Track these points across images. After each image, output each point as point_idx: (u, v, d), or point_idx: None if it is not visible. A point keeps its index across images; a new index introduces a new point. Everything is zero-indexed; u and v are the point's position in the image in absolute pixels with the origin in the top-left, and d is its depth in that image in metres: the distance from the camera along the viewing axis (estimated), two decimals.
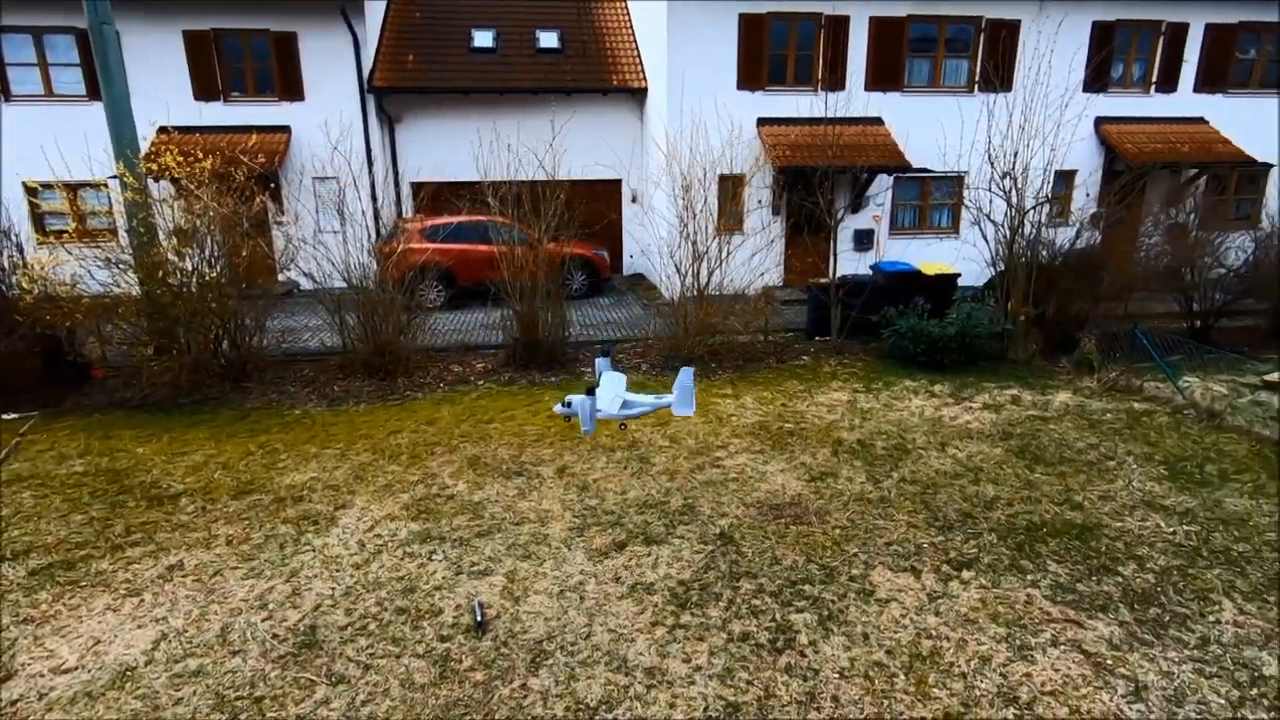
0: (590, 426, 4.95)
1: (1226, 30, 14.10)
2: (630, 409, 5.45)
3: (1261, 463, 6.13)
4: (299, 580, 4.45)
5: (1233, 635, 3.86)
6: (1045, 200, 10.03)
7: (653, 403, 5.53)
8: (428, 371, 9.07)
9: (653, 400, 5.55)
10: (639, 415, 5.69)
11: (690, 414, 5.27)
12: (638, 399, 5.46)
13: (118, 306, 8.09)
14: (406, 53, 14.91)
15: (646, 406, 5.49)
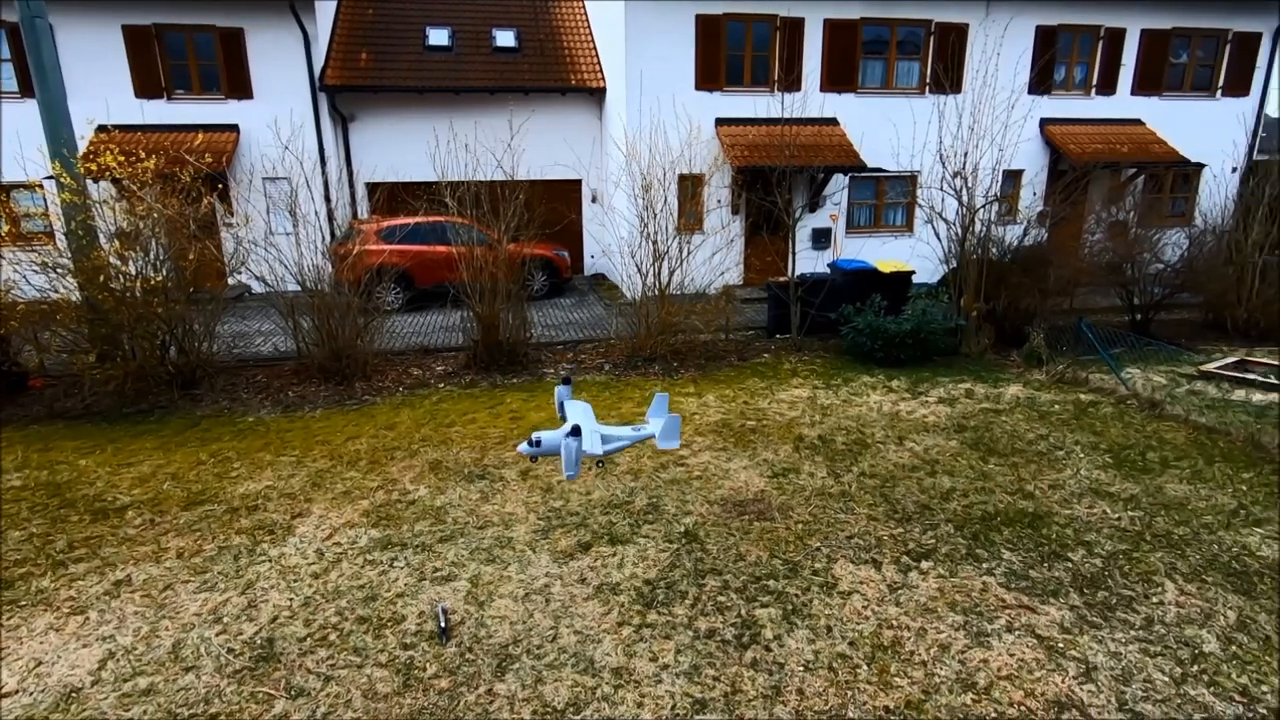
0: (575, 471, 4.63)
1: (1160, 35, 14.72)
2: (611, 444, 5.18)
3: (1198, 449, 6.41)
4: (255, 592, 4.33)
5: (1175, 615, 4.03)
6: (994, 199, 10.34)
7: (633, 435, 5.30)
8: (386, 375, 8.92)
9: (632, 433, 5.32)
10: (619, 450, 5.44)
11: (676, 446, 4.99)
12: (617, 432, 5.15)
13: (56, 313, 7.74)
14: (359, 50, 14.62)
15: (626, 440, 5.23)
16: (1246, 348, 9.96)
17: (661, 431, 4.78)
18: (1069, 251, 11.41)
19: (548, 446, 4.60)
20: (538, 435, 4.41)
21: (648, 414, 5.28)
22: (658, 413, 5.14)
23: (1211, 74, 15.38)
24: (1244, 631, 3.88)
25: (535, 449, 4.54)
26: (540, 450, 4.58)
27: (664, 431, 4.78)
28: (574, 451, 4.37)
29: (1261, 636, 3.83)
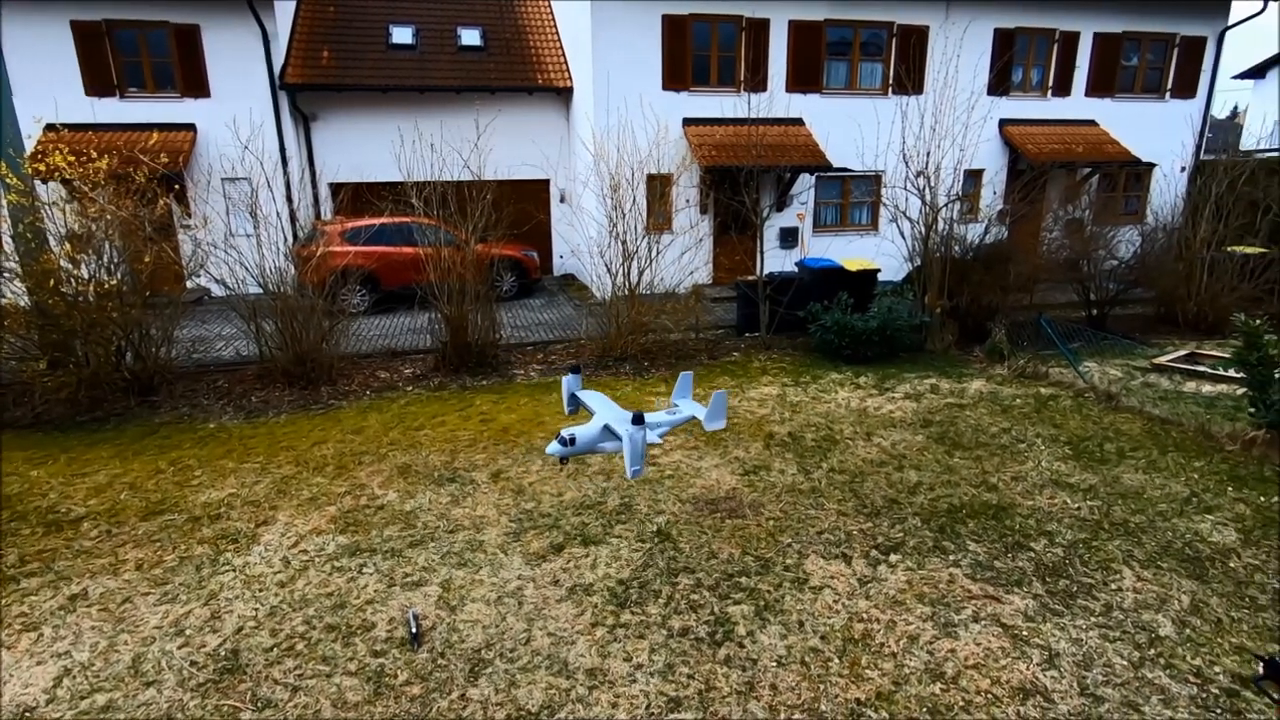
0: (641, 466, 3.95)
1: (1112, 39, 15.17)
2: (658, 430, 4.53)
3: (1152, 440, 6.62)
4: (218, 603, 4.23)
5: (1132, 601, 4.16)
6: (956, 198, 10.55)
7: (674, 420, 4.67)
8: (353, 379, 8.77)
9: (670, 417, 4.70)
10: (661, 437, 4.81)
11: (723, 427, 4.45)
12: (662, 418, 4.60)
13: (3, 319, 7.47)
14: (321, 48, 14.35)
15: (667, 426, 4.62)
16: (1196, 341, 10.31)
17: (708, 412, 4.44)
18: (1028, 249, 11.70)
19: (583, 444, 4.11)
20: (570, 432, 3.90)
21: (672, 397, 4.98)
22: (683, 394, 4.81)
23: (1160, 76, 15.89)
24: (1197, 615, 4.02)
25: (568, 449, 4.05)
26: (573, 450, 4.11)
27: (710, 412, 4.43)
28: (641, 444, 3.89)
29: (1213, 619, 3.97)
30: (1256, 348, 6.17)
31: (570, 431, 3.88)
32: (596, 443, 4.24)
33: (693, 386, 5.08)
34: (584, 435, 3.98)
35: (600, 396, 4.64)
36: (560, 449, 3.92)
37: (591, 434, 4.05)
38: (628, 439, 3.77)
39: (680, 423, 4.75)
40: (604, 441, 4.33)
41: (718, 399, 4.55)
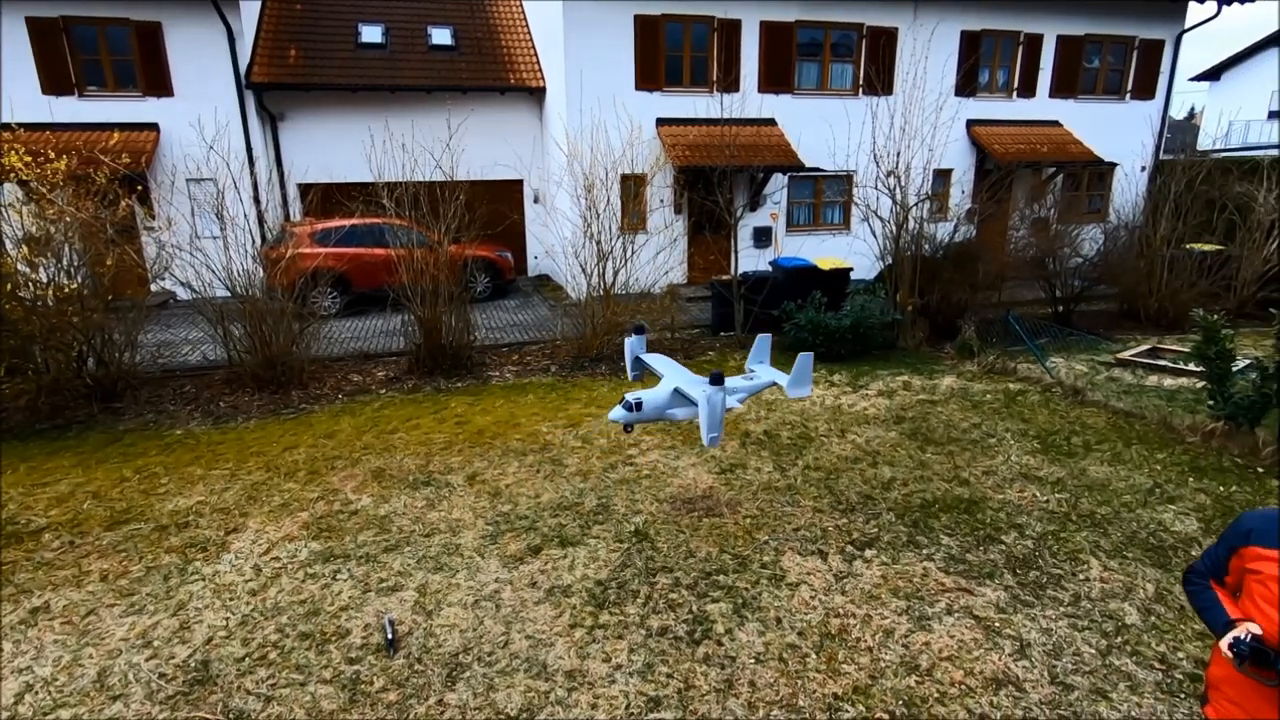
0: (720, 431, 3.58)
1: (1075, 41, 15.52)
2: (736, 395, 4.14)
3: (1117, 433, 6.78)
4: (187, 613, 4.14)
5: (1099, 590, 4.26)
6: (926, 197, 10.71)
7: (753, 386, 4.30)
8: (324, 382, 8.64)
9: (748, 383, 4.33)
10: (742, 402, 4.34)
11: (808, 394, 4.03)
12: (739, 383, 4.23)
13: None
14: (288, 47, 14.11)
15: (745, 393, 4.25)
16: (1158, 336, 10.59)
17: (791, 378, 4.02)
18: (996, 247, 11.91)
19: (650, 409, 3.76)
20: (636, 396, 3.50)
21: (748, 362, 4.58)
22: (760, 358, 4.44)
23: (1121, 78, 16.29)
24: (1161, 603, 4.13)
25: (635, 414, 3.73)
26: (640, 416, 3.78)
27: (794, 377, 4.02)
28: (720, 408, 3.53)
29: (1177, 607, 4.08)
30: (1214, 342, 6.36)
31: (636, 395, 3.51)
32: (665, 409, 3.91)
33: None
34: (652, 399, 3.60)
35: (667, 360, 4.27)
36: (625, 414, 3.55)
37: (660, 398, 3.70)
38: (705, 402, 3.41)
39: (760, 388, 4.33)
40: (673, 408, 4.01)
41: (803, 362, 4.22)
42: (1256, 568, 2.13)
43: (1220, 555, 2.26)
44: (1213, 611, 2.19)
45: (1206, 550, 2.34)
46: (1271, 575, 2.07)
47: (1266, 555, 2.10)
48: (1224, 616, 2.14)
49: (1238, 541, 2.20)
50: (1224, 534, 2.29)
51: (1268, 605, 2.06)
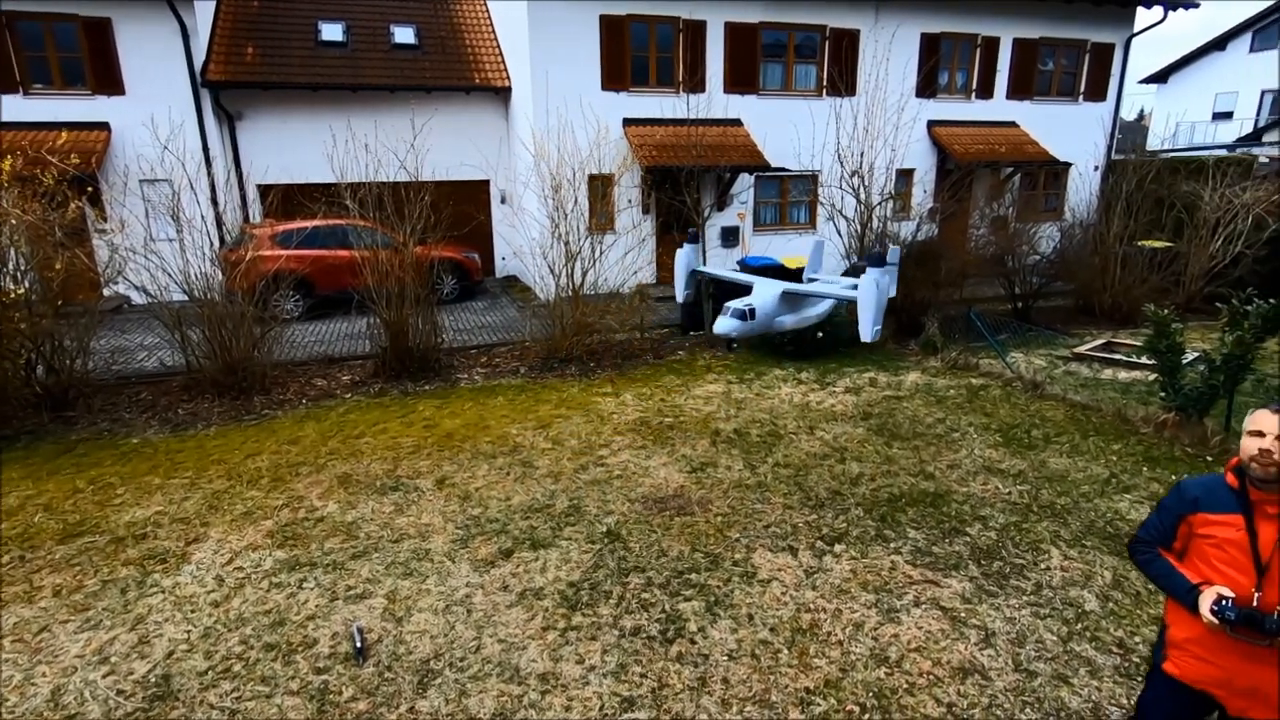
0: (879, 322, 3.04)
1: (1030, 44, 15.91)
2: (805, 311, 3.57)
3: (1075, 425, 6.98)
4: (147, 627, 4.02)
5: (1060, 579, 4.38)
6: (889, 197, 10.89)
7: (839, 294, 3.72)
8: (288, 387, 8.46)
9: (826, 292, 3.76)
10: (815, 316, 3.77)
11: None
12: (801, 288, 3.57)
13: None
14: (245, 44, 13.79)
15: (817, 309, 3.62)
16: (1112, 330, 10.92)
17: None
18: (958, 245, 12.17)
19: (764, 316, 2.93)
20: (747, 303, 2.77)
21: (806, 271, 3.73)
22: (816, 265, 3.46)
23: (1074, 80, 16.75)
24: (1119, 589, 4.26)
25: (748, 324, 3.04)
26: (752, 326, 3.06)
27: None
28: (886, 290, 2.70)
29: (1133, 593, 4.21)
30: (1165, 336, 6.58)
31: (747, 303, 2.91)
32: (774, 315, 3.52)
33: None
34: (763, 305, 3.01)
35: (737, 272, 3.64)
36: (738, 325, 3.03)
37: (769, 303, 3.16)
38: (872, 286, 2.82)
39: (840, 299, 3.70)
40: (782, 314, 3.62)
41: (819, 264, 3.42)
42: (1209, 532, 2.28)
43: (1168, 523, 2.39)
44: (1172, 578, 2.33)
45: (1148, 521, 2.48)
46: (1227, 539, 2.22)
47: (1217, 520, 2.26)
48: (1185, 582, 2.28)
49: (1185, 509, 2.34)
50: (1165, 504, 2.43)
51: (1226, 567, 2.22)
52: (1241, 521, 2.22)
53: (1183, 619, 2.38)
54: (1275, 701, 2.22)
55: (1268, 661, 2.20)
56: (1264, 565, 2.17)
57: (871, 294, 2.43)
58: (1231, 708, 2.33)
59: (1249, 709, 2.28)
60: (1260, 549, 2.18)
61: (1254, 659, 2.22)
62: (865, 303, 2.53)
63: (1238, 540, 2.22)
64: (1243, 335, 6.20)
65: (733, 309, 2.64)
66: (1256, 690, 2.24)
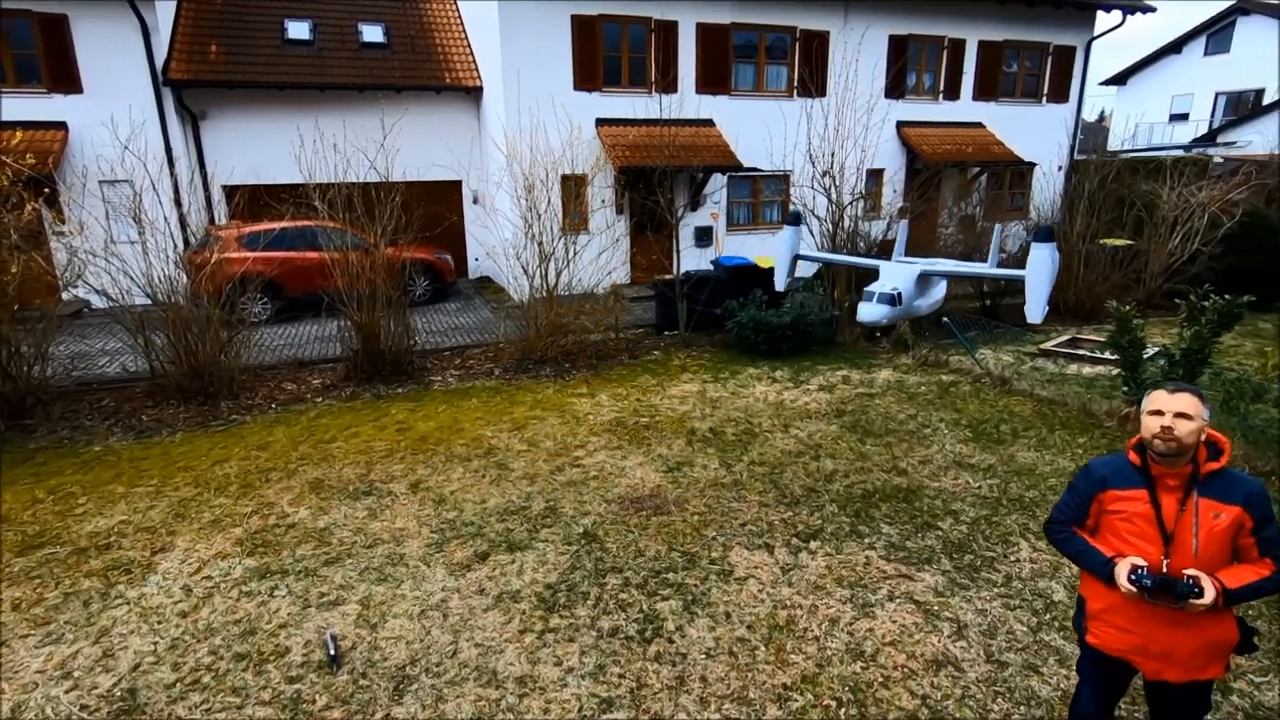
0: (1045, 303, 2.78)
1: (994, 47, 16.23)
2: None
3: (1042, 419, 7.13)
4: (111, 639, 3.91)
5: (1029, 570, 4.47)
6: (860, 196, 11.02)
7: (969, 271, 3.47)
8: (256, 392, 8.31)
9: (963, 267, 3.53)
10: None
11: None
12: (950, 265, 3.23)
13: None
14: (208, 42, 13.50)
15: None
16: (1077, 327, 11.17)
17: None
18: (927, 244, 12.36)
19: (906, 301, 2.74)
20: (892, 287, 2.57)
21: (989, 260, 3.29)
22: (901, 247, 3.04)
23: (1038, 82, 17.12)
24: None
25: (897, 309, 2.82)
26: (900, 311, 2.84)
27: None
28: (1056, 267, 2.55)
29: None
30: (1127, 331, 6.75)
31: (893, 286, 2.66)
32: (913, 299, 3.30)
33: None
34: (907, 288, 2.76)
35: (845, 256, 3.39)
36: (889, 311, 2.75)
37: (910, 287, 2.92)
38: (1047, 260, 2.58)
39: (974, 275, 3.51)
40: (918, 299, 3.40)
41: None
42: (1118, 508, 2.44)
43: (1080, 502, 2.54)
44: (1089, 554, 2.48)
45: (1061, 501, 2.62)
46: (1135, 512, 2.40)
47: (1124, 495, 2.43)
48: (1101, 556, 2.43)
49: (1095, 488, 2.50)
50: (1076, 485, 2.59)
51: (1136, 539, 2.39)
52: (1146, 495, 2.39)
53: (1099, 591, 2.53)
54: (1186, 661, 2.39)
55: (1178, 625, 2.35)
56: (1169, 534, 2.34)
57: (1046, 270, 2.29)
58: (1147, 671, 2.48)
59: (1163, 671, 2.43)
60: (1165, 519, 2.35)
61: (1166, 623, 2.37)
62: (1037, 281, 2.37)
63: (1144, 513, 2.38)
64: (1200, 330, 6.40)
65: (878, 294, 2.49)
66: (1169, 653, 2.40)
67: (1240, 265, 11.52)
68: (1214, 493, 2.33)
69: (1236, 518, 2.30)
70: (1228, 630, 2.40)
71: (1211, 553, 2.32)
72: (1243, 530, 2.32)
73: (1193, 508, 2.33)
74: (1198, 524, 2.32)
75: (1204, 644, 2.38)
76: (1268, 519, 2.31)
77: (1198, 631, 2.36)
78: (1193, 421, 2.31)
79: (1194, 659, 2.40)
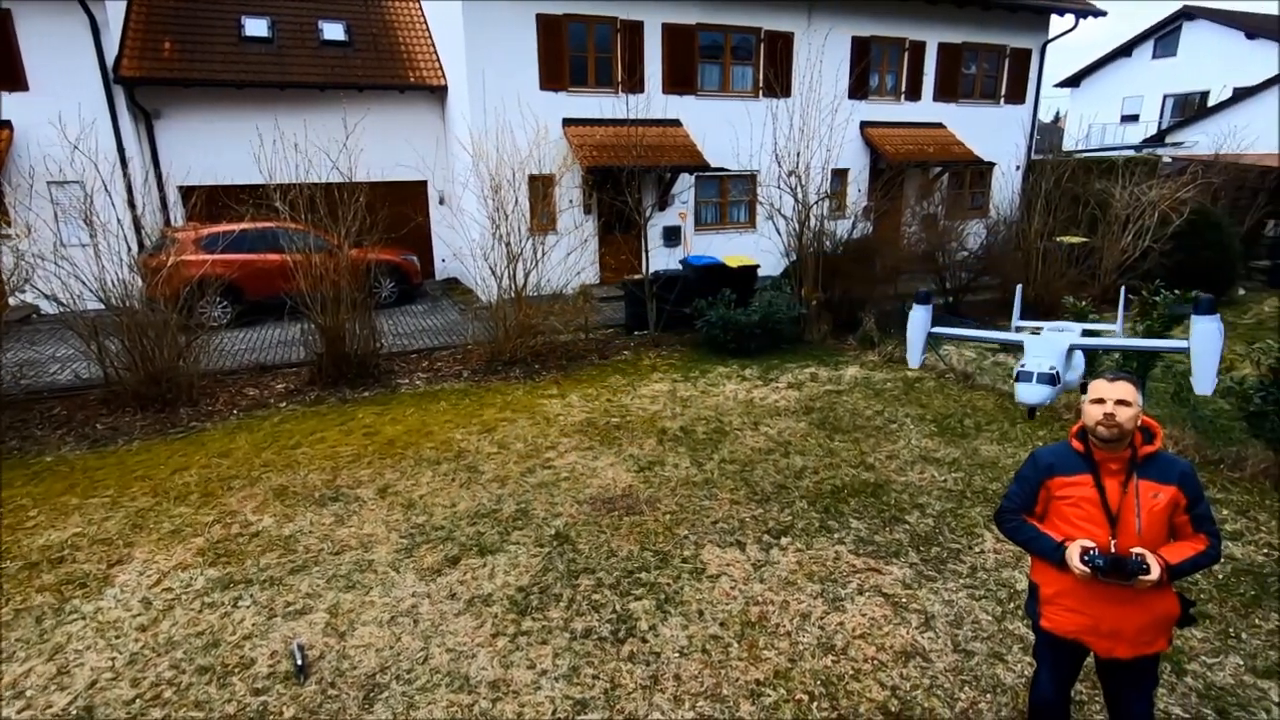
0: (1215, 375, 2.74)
1: (954, 49, 16.56)
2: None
3: (1003, 413, 7.30)
4: (66, 656, 3.78)
5: (993, 561, 4.57)
6: (825, 196, 11.15)
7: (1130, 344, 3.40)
8: (217, 398, 8.10)
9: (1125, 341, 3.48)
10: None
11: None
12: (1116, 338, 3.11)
13: None
14: (161, 39, 13.13)
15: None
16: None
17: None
18: (891, 242, 12.55)
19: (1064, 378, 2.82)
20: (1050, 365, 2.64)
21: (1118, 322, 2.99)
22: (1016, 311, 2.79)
23: (995, 83, 17.52)
24: None
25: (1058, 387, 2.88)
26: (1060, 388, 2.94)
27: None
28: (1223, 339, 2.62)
29: None
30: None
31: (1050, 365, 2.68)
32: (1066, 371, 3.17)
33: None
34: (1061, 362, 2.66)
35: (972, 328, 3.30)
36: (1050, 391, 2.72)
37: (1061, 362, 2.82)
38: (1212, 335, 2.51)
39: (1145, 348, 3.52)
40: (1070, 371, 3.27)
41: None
42: (1065, 493, 2.55)
43: (1028, 491, 2.65)
44: (1040, 540, 2.58)
45: (1010, 492, 2.71)
46: (1084, 497, 2.50)
47: (1070, 481, 2.54)
48: (1052, 542, 2.54)
49: (1042, 475, 2.61)
50: (1024, 474, 2.69)
51: (1084, 522, 2.49)
52: (1091, 480, 2.50)
53: (1051, 577, 2.62)
54: (1134, 637, 2.50)
55: (1125, 603, 2.47)
56: (1114, 515, 2.46)
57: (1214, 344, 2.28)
58: (1099, 650, 2.58)
59: (1114, 648, 2.53)
60: (1109, 502, 2.47)
61: (1114, 602, 2.48)
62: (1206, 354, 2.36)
63: (1090, 497, 2.50)
64: (1152, 324, 6.61)
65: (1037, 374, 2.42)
66: (1118, 630, 2.51)
67: (1188, 261, 11.94)
68: (1152, 474, 2.47)
69: (1173, 496, 2.44)
70: (1170, 605, 2.53)
71: (1153, 531, 2.45)
72: (1178, 509, 2.46)
73: (1134, 489, 2.46)
74: (1139, 504, 2.44)
75: (1149, 619, 2.50)
76: (1198, 497, 2.47)
77: (1143, 608, 2.48)
78: (1131, 408, 2.44)
79: (1141, 634, 2.51)
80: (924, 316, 2.85)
